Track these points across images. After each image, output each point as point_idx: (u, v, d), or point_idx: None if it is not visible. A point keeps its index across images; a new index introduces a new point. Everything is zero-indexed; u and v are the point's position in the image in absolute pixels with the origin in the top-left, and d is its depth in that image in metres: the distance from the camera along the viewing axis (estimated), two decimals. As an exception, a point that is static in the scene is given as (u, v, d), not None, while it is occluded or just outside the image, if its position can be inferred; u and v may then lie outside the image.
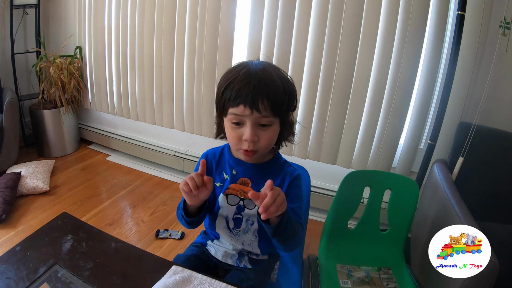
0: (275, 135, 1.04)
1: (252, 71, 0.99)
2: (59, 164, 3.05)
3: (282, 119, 1.04)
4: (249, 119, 0.98)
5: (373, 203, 1.55)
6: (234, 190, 1.14)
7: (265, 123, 0.99)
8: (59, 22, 3.24)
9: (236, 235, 1.18)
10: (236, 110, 0.97)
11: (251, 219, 1.15)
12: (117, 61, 2.91)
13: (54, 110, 3.05)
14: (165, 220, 2.42)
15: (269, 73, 0.99)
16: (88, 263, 0.95)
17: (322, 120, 2.28)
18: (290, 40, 2.22)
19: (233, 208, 1.15)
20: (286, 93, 1.00)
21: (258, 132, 1.00)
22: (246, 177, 1.14)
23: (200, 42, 2.47)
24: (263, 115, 0.97)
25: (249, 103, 0.95)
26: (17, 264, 0.93)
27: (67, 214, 1.15)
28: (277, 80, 0.99)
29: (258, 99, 0.95)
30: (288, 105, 1.03)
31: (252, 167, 1.13)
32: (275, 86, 0.98)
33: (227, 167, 1.17)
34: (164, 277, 0.90)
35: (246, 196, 1.12)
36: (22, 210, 2.39)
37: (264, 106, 0.96)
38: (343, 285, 1.38)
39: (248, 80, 0.96)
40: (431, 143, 2.01)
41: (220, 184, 1.16)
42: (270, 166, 1.15)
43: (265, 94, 0.95)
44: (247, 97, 0.95)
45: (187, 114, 2.73)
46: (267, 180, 1.04)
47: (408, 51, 1.99)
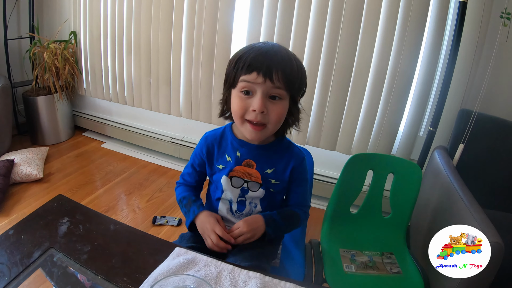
0: (285, 111, 1.02)
1: (268, 45, 0.99)
2: (53, 152, 3.00)
3: (292, 98, 1.03)
4: (260, 88, 0.96)
5: (376, 187, 1.52)
6: (239, 173, 1.12)
7: (276, 95, 0.97)
8: (54, 6, 3.15)
9: (239, 217, 1.16)
10: (248, 77, 0.96)
11: (254, 202, 1.15)
12: (112, 46, 2.85)
13: (48, 96, 2.99)
14: (162, 207, 2.38)
15: (285, 50, 1.00)
16: (86, 246, 0.91)
17: (322, 106, 2.25)
18: (291, 24, 2.18)
19: (237, 190, 1.13)
20: (299, 74, 1.00)
21: (267, 104, 0.98)
22: (251, 159, 1.11)
23: (199, 25, 2.42)
24: (276, 86, 0.95)
25: (263, 71, 0.94)
26: (10, 248, 0.89)
27: (63, 197, 1.10)
28: (293, 60, 0.99)
29: (273, 68, 0.94)
30: (299, 86, 1.03)
31: (256, 148, 1.11)
32: (291, 62, 0.98)
33: (229, 149, 1.14)
34: (167, 259, 0.87)
35: (251, 178, 1.12)
36: (16, 198, 2.35)
37: (278, 76, 0.94)
38: (347, 269, 1.36)
39: (265, 51, 0.96)
40: (431, 130, 2.01)
41: (223, 167, 1.14)
42: (275, 147, 1.13)
43: (280, 65, 0.95)
44: (262, 64, 0.94)
45: (184, 100, 2.69)
46: (271, 163, 1.12)
47: (410, 38, 1.96)
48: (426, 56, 2.01)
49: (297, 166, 1.14)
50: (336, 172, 2.55)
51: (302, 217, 1.20)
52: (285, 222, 1.14)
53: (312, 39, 2.15)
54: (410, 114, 2.15)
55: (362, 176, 1.52)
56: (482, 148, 1.82)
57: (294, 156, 1.14)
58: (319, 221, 1.66)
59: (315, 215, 2.27)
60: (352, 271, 1.35)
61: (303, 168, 1.16)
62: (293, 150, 1.15)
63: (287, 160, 1.13)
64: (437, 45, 1.96)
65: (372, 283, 1.33)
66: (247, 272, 0.85)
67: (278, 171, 1.13)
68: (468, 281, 1.17)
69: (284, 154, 1.13)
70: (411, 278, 1.36)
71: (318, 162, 2.51)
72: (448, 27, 1.97)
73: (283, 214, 1.15)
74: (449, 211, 1.46)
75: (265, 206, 1.16)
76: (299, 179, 1.15)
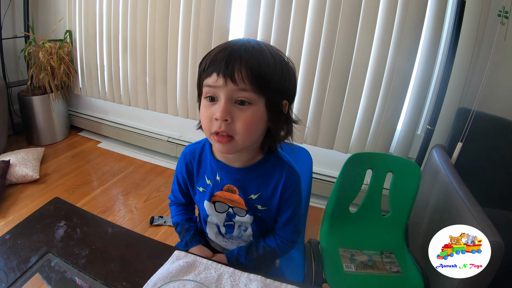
0: (255, 119, 0.82)
1: (235, 40, 0.83)
2: (49, 152, 2.98)
3: (270, 101, 0.83)
4: (223, 91, 0.79)
5: (375, 186, 1.52)
6: (221, 198, 0.99)
7: (242, 99, 0.79)
8: (49, 5, 3.12)
9: (229, 239, 1.09)
10: (209, 80, 0.80)
11: (244, 225, 1.04)
12: (108, 45, 2.82)
13: (43, 96, 2.96)
14: (159, 207, 2.37)
15: (257, 45, 0.82)
16: (84, 250, 0.90)
17: (320, 104, 2.24)
18: (288, 22, 2.16)
19: (223, 215, 1.02)
20: (278, 71, 0.81)
21: (233, 110, 0.80)
22: (232, 184, 0.97)
23: (195, 23, 2.40)
24: (240, 88, 0.78)
25: (222, 71, 0.77)
26: (7, 253, 0.87)
27: (59, 199, 1.09)
28: (267, 53, 0.81)
29: (235, 65, 0.77)
30: (279, 86, 0.83)
31: (237, 172, 0.96)
32: (263, 57, 0.79)
33: (208, 171, 1.00)
34: (167, 263, 0.86)
35: (235, 204, 0.99)
36: (12, 199, 2.32)
37: (241, 75, 0.77)
38: (347, 269, 1.35)
39: (227, 46, 0.80)
40: (429, 128, 2.01)
41: (203, 190, 1.02)
42: (259, 169, 0.96)
43: (244, 61, 0.77)
44: (221, 62, 0.78)
45: (181, 98, 2.67)
46: (255, 188, 0.96)
47: (408, 36, 1.96)
48: (424, 55, 2.00)
49: (287, 188, 0.96)
50: (334, 170, 2.54)
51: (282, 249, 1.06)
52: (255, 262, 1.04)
53: (309, 36, 2.14)
54: (408, 113, 2.14)
55: (361, 176, 1.51)
56: (480, 146, 1.81)
57: (284, 176, 0.96)
58: (318, 220, 1.66)
59: (314, 214, 2.27)
60: (352, 271, 1.35)
61: (294, 190, 0.98)
62: (284, 169, 0.96)
63: (275, 183, 0.96)
64: (435, 43, 1.95)
65: (372, 283, 1.33)
66: (248, 275, 0.85)
67: (265, 196, 0.97)
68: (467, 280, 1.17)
69: (271, 176, 0.96)
70: (410, 277, 1.36)
71: (316, 161, 2.48)
72: (446, 26, 1.96)
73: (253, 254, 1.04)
74: (448, 210, 1.46)
75: (257, 228, 1.04)
76: (288, 202, 0.98)
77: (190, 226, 1.12)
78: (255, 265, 1.04)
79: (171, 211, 1.19)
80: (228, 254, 1.05)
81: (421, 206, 1.75)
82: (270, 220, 1.04)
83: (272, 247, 1.04)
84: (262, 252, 1.04)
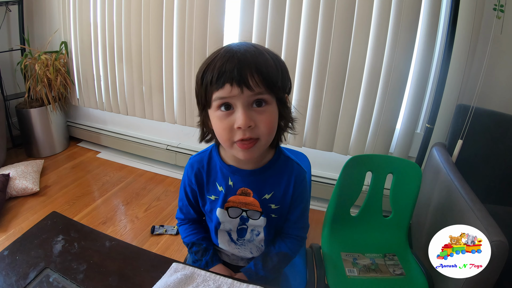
0: (275, 117, 0.87)
1: (234, 47, 0.83)
2: (49, 164, 2.97)
3: (279, 99, 0.88)
4: (239, 100, 0.80)
5: (376, 188, 1.51)
6: (235, 203, 1.00)
7: (260, 101, 0.82)
8: (43, 17, 3.13)
9: (242, 245, 1.09)
10: (221, 93, 0.80)
11: (257, 230, 1.05)
12: (104, 55, 2.83)
13: (41, 108, 2.96)
14: (160, 216, 2.36)
15: (254, 47, 0.84)
16: (82, 265, 0.89)
17: (317, 107, 2.23)
18: (283, 25, 2.15)
19: (236, 220, 1.03)
20: (279, 69, 0.84)
21: (253, 115, 0.82)
22: (246, 187, 0.99)
23: (190, 30, 2.40)
24: (256, 92, 0.80)
25: (236, 80, 0.78)
26: (5, 270, 0.87)
27: (57, 214, 1.08)
28: (265, 54, 0.84)
29: (247, 72, 0.78)
30: (283, 83, 0.87)
31: (251, 174, 0.98)
32: (265, 58, 0.82)
33: (219, 177, 1.00)
34: (165, 276, 0.85)
35: (249, 207, 1.00)
36: (13, 213, 2.32)
37: (255, 81, 0.79)
38: (350, 273, 1.34)
39: (231, 55, 0.80)
40: (429, 127, 1.99)
41: (215, 197, 1.02)
42: (271, 168, 0.99)
43: (253, 66, 0.79)
44: (233, 72, 0.78)
45: (178, 106, 2.67)
46: (268, 187, 0.99)
47: (403, 35, 1.95)
48: (421, 52, 1.99)
49: (298, 185, 1.00)
50: (334, 173, 2.53)
51: (293, 249, 1.09)
52: (271, 271, 1.05)
53: (304, 38, 2.13)
54: (406, 112, 2.13)
55: (361, 178, 1.50)
56: (481, 143, 1.80)
57: (295, 173, 1.00)
58: (319, 224, 1.64)
59: (315, 217, 2.25)
60: (355, 275, 1.34)
61: (304, 186, 1.03)
62: (293, 167, 1.01)
63: (287, 181, 1.00)
64: (431, 40, 1.95)
65: (376, 286, 1.32)
66: (247, 286, 0.83)
67: (278, 195, 1.00)
68: (473, 280, 1.16)
69: (283, 174, 1.00)
70: (414, 279, 1.34)
71: (316, 163, 2.49)
72: (441, 22, 1.95)
73: (268, 263, 1.05)
74: (451, 209, 1.44)
75: (268, 232, 1.06)
76: (299, 199, 1.03)
77: (208, 246, 1.10)
78: (273, 274, 1.06)
79: (182, 231, 1.14)
80: (247, 271, 1.05)
81: (423, 206, 1.74)
82: (282, 220, 1.06)
83: (284, 252, 1.07)
84: (276, 260, 1.06)
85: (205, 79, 0.83)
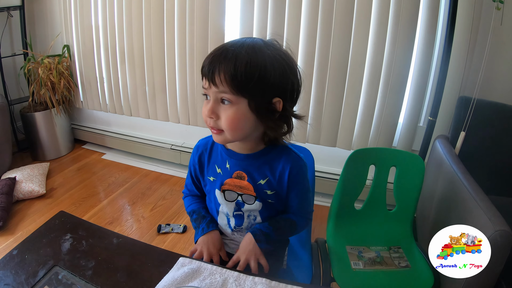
0: (239, 117, 0.89)
1: (228, 43, 0.90)
2: (54, 167, 3.00)
3: (253, 101, 0.89)
4: (211, 93, 0.90)
5: (379, 181, 1.51)
6: (231, 186, 1.05)
7: (224, 99, 0.89)
8: (45, 21, 3.15)
9: (239, 232, 1.12)
10: (203, 83, 0.92)
11: (253, 214, 1.08)
12: (106, 57, 2.84)
13: (45, 111, 2.98)
14: (166, 215, 2.38)
15: (242, 46, 0.87)
16: (90, 262, 0.91)
17: (319, 103, 2.24)
18: (283, 22, 2.16)
19: (232, 204, 1.07)
20: (256, 73, 0.85)
21: (218, 109, 0.90)
22: (240, 170, 1.03)
23: (191, 29, 2.41)
24: (220, 90, 0.87)
25: (208, 76, 0.88)
26: (15, 269, 0.89)
27: (65, 213, 1.10)
28: (244, 54, 0.85)
29: (215, 71, 0.86)
30: (263, 85, 0.87)
31: (245, 158, 1.03)
32: (239, 59, 0.85)
33: (219, 160, 1.07)
34: (172, 270, 0.86)
35: (244, 191, 1.04)
36: (20, 215, 2.34)
37: (220, 79, 0.86)
38: (355, 266, 1.35)
39: (216, 51, 0.89)
40: (431, 119, 1.99)
41: (214, 179, 1.08)
42: (266, 155, 1.03)
43: (222, 66, 0.85)
44: (207, 69, 0.88)
45: (181, 105, 2.68)
46: (263, 173, 1.03)
47: (403, 28, 1.95)
48: (421, 46, 1.99)
49: (294, 174, 1.02)
50: (338, 168, 2.53)
51: (300, 223, 1.12)
52: (279, 232, 1.08)
53: (305, 35, 2.14)
54: (408, 105, 2.14)
55: (364, 172, 1.50)
56: (483, 134, 1.80)
57: (291, 162, 1.02)
58: (324, 219, 1.65)
59: (320, 213, 2.26)
60: (360, 268, 1.34)
61: (302, 175, 1.05)
62: (289, 155, 1.03)
63: (282, 168, 1.02)
64: (431, 33, 1.95)
65: (381, 279, 1.32)
66: (253, 278, 0.84)
67: (272, 180, 1.03)
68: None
69: (278, 161, 1.03)
70: (420, 271, 1.35)
71: (320, 159, 2.50)
72: (441, 15, 1.95)
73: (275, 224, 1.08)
74: (454, 201, 1.45)
75: (265, 217, 1.09)
76: (298, 187, 1.05)
77: (206, 214, 1.15)
78: (278, 236, 1.08)
79: (186, 202, 1.22)
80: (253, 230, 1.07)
81: (427, 199, 1.74)
82: (280, 204, 1.09)
83: (292, 220, 1.10)
84: (283, 223, 1.09)
85: None
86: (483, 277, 1.18)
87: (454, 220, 1.43)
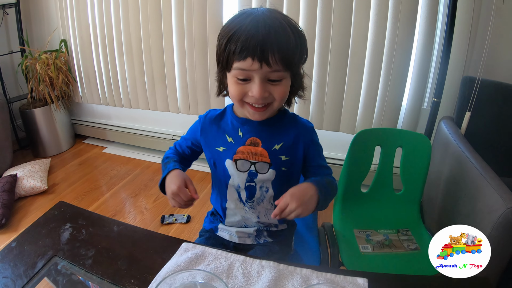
0: (287, 89, 0.94)
1: (260, 19, 0.86)
2: (56, 162, 2.98)
3: (293, 73, 0.93)
4: (258, 74, 0.86)
5: (385, 163, 1.48)
6: (244, 154, 1.01)
7: (275, 79, 0.88)
8: (41, 17, 3.12)
9: (250, 208, 1.07)
10: (242, 65, 0.86)
11: (265, 185, 1.04)
12: (104, 50, 2.81)
13: (44, 108, 2.96)
14: (169, 205, 2.36)
15: (279, 22, 0.86)
16: (90, 251, 0.88)
17: (322, 87, 2.20)
18: (282, 6, 2.12)
19: (245, 174, 1.03)
20: (298, 45, 0.89)
21: (268, 87, 0.89)
22: (255, 136, 1.02)
23: (188, 17, 2.37)
24: (274, 69, 0.86)
25: (258, 56, 0.83)
26: (14, 261, 0.86)
27: (64, 203, 1.07)
28: (288, 30, 0.87)
29: (269, 51, 0.83)
30: (300, 58, 0.92)
31: (259, 124, 1.01)
32: (287, 37, 0.86)
33: (230, 128, 1.05)
34: (175, 256, 0.84)
35: (258, 158, 1.01)
36: (22, 212, 2.33)
37: (275, 59, 0.84)
38: (364, 250, 1.32)
39: (256, 30, 0.84)
40: (435, 101, 1.96)
41: (223, 149, 1.04)
42: (279, 121, 1.04)
43: (275, 45, 0.84)
44: (256, 49, 0.83)
45: (181, 95, 2.65)
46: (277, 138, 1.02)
47: (405, 8, 1.91)
48: (423, 25, 1.95)
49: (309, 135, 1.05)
50: (342, 153, 2.50)
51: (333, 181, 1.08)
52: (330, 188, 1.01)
53: (305, 18, 2.10)
54: (412, 86, 2.09)
55: (370, 153, 1.47)
56: (488, 114, 1.77)
57: (302, 127, 1.05)
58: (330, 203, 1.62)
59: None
60: (369, 251, 1.32)
61: (315, 135, 1.08)
62: (300, 121, 1.07)
63: (295, 133, 1.03)
64: (434, 12, 1.90)
65: (391, 262, 1.29)
66: (260, 262, 0.82)
67: (287, 145, 1.03)
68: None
69: (290, 127, 1.04)
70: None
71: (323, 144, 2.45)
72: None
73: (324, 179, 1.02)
74: (464, 181, 1.42)
75: (278, 189, 1.05)
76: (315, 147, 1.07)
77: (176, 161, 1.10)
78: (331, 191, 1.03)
79: (167, 152, 1.18)
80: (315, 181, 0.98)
81: (434, 181, 1.72)
82: (293, 175, 1.07)
83: (329, 178, 1.06)
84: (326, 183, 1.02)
85: (228, 47, 0.87)
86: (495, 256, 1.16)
87: (464, 199, 1.40)
